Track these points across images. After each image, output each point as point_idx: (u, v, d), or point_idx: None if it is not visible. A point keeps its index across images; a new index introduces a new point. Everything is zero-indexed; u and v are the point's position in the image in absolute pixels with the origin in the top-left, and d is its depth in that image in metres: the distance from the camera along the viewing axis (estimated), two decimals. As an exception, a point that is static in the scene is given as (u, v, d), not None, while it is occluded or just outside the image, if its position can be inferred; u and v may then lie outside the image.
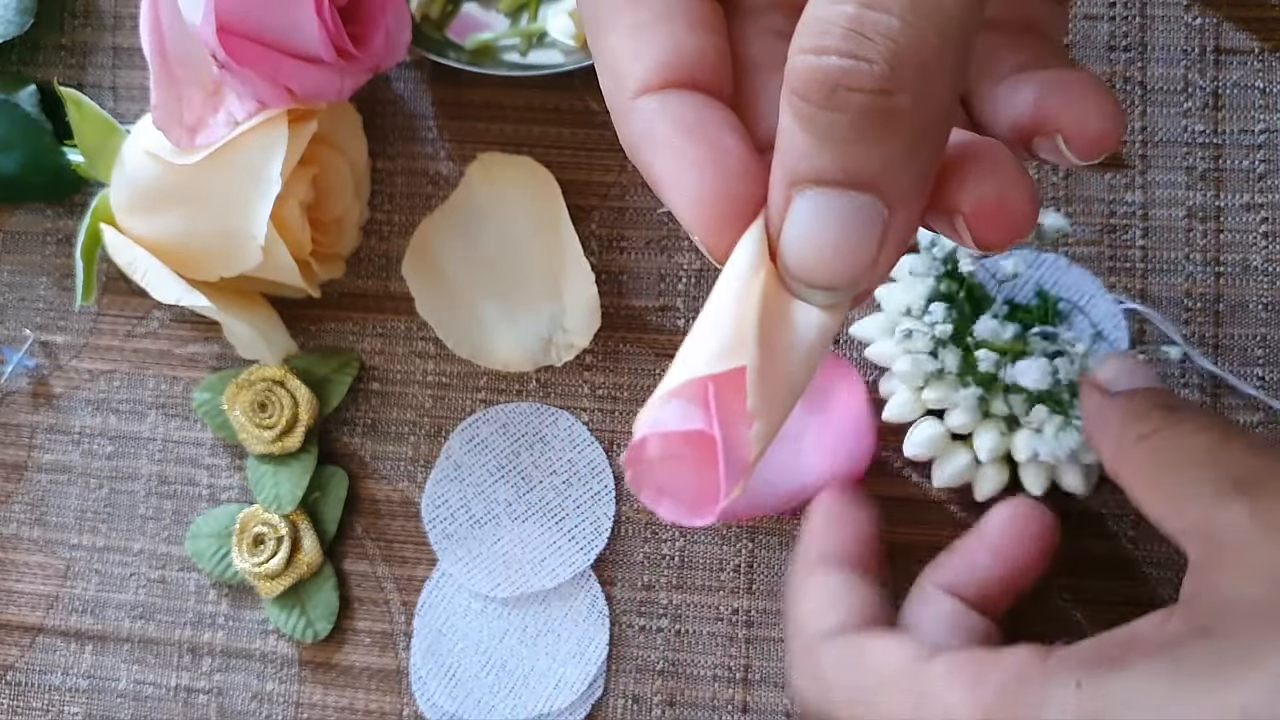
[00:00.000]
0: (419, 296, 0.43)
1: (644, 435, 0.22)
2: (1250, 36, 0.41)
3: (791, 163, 0.20)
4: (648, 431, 0.22)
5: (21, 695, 0.44)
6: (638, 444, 0.22)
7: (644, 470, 0.23)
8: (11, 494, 0.45)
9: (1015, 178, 0.21)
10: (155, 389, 0.45)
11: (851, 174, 0.20)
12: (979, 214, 0.21)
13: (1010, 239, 0.22)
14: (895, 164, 0.20)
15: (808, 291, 0.21)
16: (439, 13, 0.44)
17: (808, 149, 0.20)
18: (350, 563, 0.44)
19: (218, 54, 0.36)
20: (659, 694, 0.42)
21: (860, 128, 0.19)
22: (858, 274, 0.20)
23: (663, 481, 0.23)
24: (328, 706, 0.43)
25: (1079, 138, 0.22)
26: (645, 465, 0.23)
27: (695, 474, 0.22)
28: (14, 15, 0.45)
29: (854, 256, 0.20)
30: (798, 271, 0.21)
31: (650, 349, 0.43)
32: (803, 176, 0.20)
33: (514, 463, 0.43)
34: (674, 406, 0.22)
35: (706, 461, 0.22)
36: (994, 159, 0.21)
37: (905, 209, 0.20)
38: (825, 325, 0.22)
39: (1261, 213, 0.41)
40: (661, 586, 0.42)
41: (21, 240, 0.46)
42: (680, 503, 0.22)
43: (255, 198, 0.38)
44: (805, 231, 0.20)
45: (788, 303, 0.22)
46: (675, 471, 0.23)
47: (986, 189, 0.21)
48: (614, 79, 0.22)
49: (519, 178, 0.43)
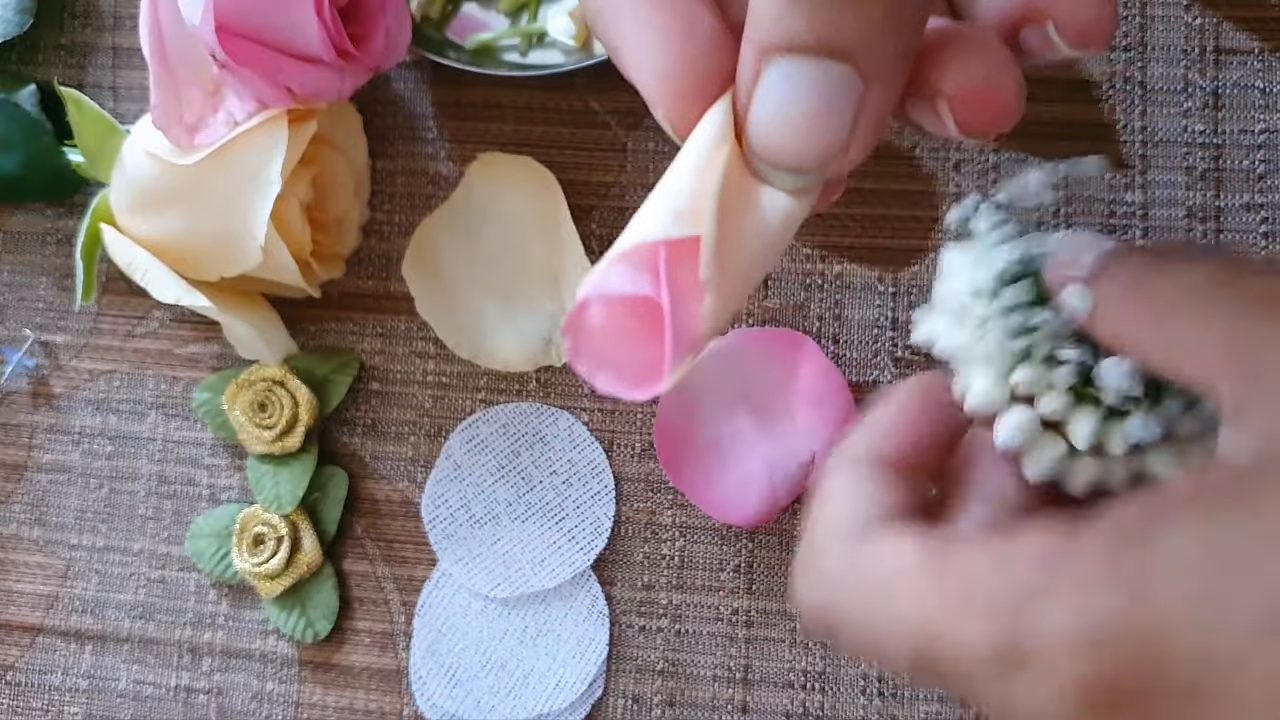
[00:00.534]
0: (419, 296, 0.43)
1: (586, 298, 0.20)
2: (1250, 36, 0.41)
3: (764, 28, 0.19)
4: (591, 294, 0.20)
5: (21, 695, 0.44)
6: (578, 308, 0.21)
7: (584, 338, 0.21)
8: (11, 494, 0.45)
9: (1002, 61, 0.20)
10: (155, 389, 0.45)
11: (826, 40, 0.19)
12: (963, 98, 0.20)
13: (994, 125, 0.21)
14: (873, 32, 0.19)
15: (774, 173, 0.20)
16: (439, 13, 0.44)
17: (781, 11, 0.19)
18: (350, 563, 0.44)
19: (217, 54, 0.36)
20: (659, 694, 0.42)
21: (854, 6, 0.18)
22: (828, 155, 0.19)
23: (604, 351, 0.21)
24: (328, 706, 0.43)
25: (1071, 23, 0.21)
26: (586, 333, 0.21)
27: (639, 346, 0.21)
28: (14, 15, 0.45)
29: (825, 134, 0.19)
30: (764, 149, 0.20)
31: (650, 349, 0.43)
32: (775, 43, 0.19)
33: (514, 463, 0.43)
34: (621, 270, 0.20)
35: (652, 334, 0.20)
36: (980, 42, 0.21)
37: (881, 85, 0.19)
38: (790, 211, 0.20)
39: (1261, 213, 0.41)
40: (661, 586, 0.42)
41: (21, 240, 0.46)
42: (621, 376, 0.21)
43: (255, 198, 0.38)
44: (775, 104, 0.19)
45: (753, 183, 0.20)
46: (618, 342, 0.21)
47: (973, 72, 0.20)
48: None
49: (519, 178, 0.43)
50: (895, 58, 0.19)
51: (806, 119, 0.19)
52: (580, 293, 0.20)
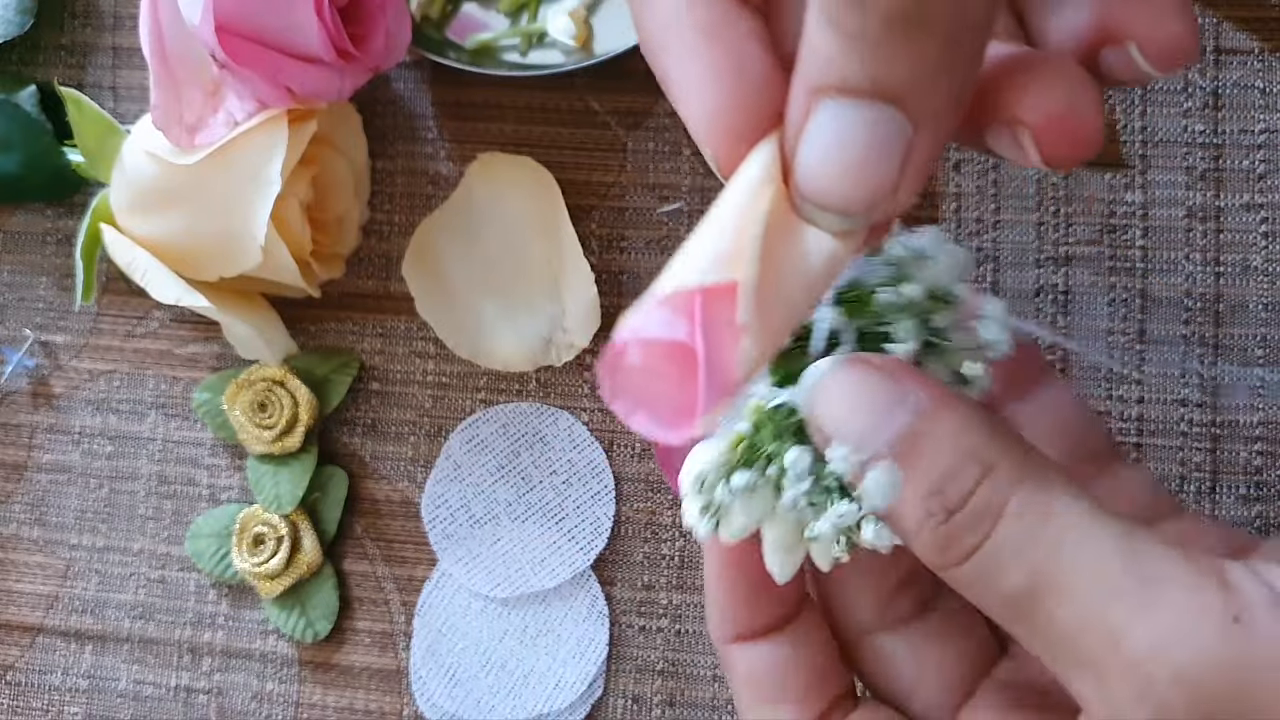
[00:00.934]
0: (419, 296, 0.43)
1: (624, 341, 0.21)
2: (1250, 36, 0.41)
3: (815, 68, 0.19)
4: (629, 337, 0.21)
5: (21, 695, 0.44)
6: (617, 350, 0.21)
7: (621, 379, 0.21)
8: (11, 494, 0.45)
9: (1083, 88, 0.20)
10: (155, 389, 0.45)
11: (878, 82, 0.18)
12: (1046, 127, 0.20)
13: (1078, 155, 0.20)
14: (926, 75, 0.18)
15: (820, 214, 0.20)
16: (439, 13, 0.44)
17: (834, 53, 0.18)
18: (350, 563, 0.44)
19: (217, 54, 0.36)
20: (659, 694, 0.42)
21: (891, 29, 0.18)
22: (876, 198, 0.19)
23: (641, 392, 0.21)
24: (328, 706, 0.43)
25: (1153, 41, 0.21)
26: (623, 374, 0.21)
27: (676, 388, 0.21)
28: (14, 15, 0.45)
29: (874, 177, 0.19)
30: (812, 190, 0.20)
31: (650, 349, 0.43)
32: (826, 83, 0.19)
33: (514, 463, 0.43)
34: (659, 314, 0.21)
35: (689, 376, 0.20)
36: (1059, 67, 0.20)
37: (932, 128, 0.19)
38: (834, 253, 0.20)
39: (1261, 213, 0.41)
40: (661, 586, 0.42)
41: (21, 240, 0.46)
42: (658, 417, 0.21)
43: (255, 198, 0.38)
44: (824, 145, 0.19)
45: (797, 224, 0.20)
46: (654, 383, 0.21)
47: (1055, 99, 0.20)
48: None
49: (519, 178, 0.43)
50: (948, 101, 0.19)
51: (856, 161, 0.19)
52: (617, 336, 0.21)
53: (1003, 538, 0.21)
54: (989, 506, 0.21)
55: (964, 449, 0.21)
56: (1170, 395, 0.41)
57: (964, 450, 0.21)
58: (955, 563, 0.21)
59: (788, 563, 0.24)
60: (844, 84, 0.18)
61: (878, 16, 0.18)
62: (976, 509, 0.21)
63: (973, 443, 0.21)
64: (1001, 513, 0.21)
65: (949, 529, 0.21)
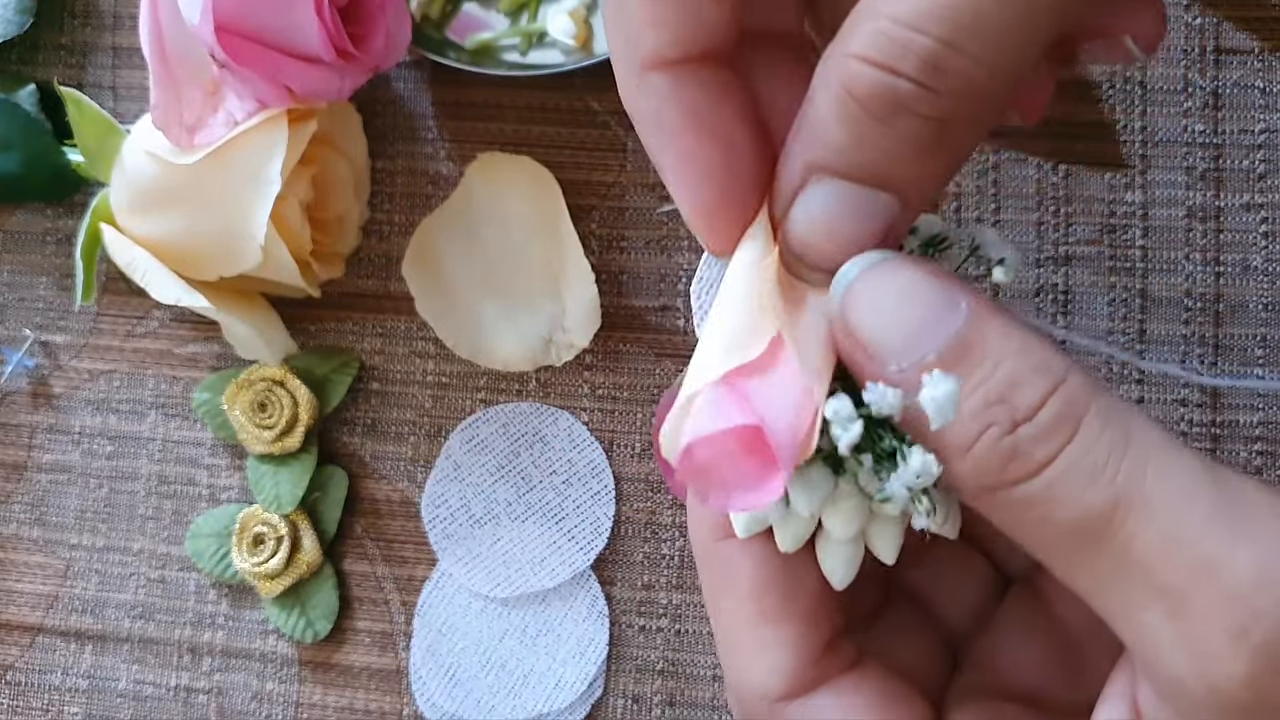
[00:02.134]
0: (419, 296, 0.43)
1: (689, 445, 0.21)
2: (1250, 36, 0.41)
3: (818, 149, 0.20)
4: (692, 440, 0.21)
5: (21, 695, 0.44)
6: (685, 454, 0.21)
7: (702, 477, 0.21)
8: (11, 494, 0.45)
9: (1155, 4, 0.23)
10: (155, 389, 0.45)
11: (882, 177, 0.20)
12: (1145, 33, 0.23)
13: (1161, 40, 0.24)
14: (929, 175, 0.20)
15: (808, 272, 0.21)
16: (439, 13, 0.44)
17: (843, 144, 0.20)
18: (350, 563, 0.44)
19: (216, 53, 0.36)
20: (659, 694, 0.42)
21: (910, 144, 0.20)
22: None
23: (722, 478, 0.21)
24: (328, 706, 0.43)
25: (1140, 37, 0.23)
26: (701, 472, 0.21)
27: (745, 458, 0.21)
28: (14, 15, 0.45)
29: (857, 243, 0.21)
30: (801, 252, 0.21)
31: (650, 349, 0.43)
32: (828, 166, 0.20)
33: (514, 463, 0.43)
34: (707, 411, 0.21)
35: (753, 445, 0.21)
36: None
37: (919, 206, 0.21)
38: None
39: (1261, 213, 0.41)
40: (661, 586, 0.42)
41: (21, 240, 0.46)
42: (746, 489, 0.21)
43: (255, 198, 0.38)
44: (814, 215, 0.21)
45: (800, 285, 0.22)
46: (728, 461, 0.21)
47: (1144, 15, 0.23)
48: (627, 44, 0.22)
49: (519, 178, 0.43)
50: (939, 186, 0.21)
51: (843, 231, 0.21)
52: (681, 441, 0.21)
53: (1082, 450, 0.19)
54: (1066, 415, 0.19)
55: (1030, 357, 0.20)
56: (1170, 395, 0.41)
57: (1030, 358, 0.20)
58: (1018, 479, 0.19)
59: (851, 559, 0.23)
60: (848, 171, 0.20)
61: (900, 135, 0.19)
62: (1050, 419, 0.19)
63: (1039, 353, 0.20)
64: (1079, 425, 0.19)
65: (1015, 441, 0.19)
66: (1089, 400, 0.19)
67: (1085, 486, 0.19)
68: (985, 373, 0.20)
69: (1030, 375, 0.19)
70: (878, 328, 0.20)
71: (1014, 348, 0.20)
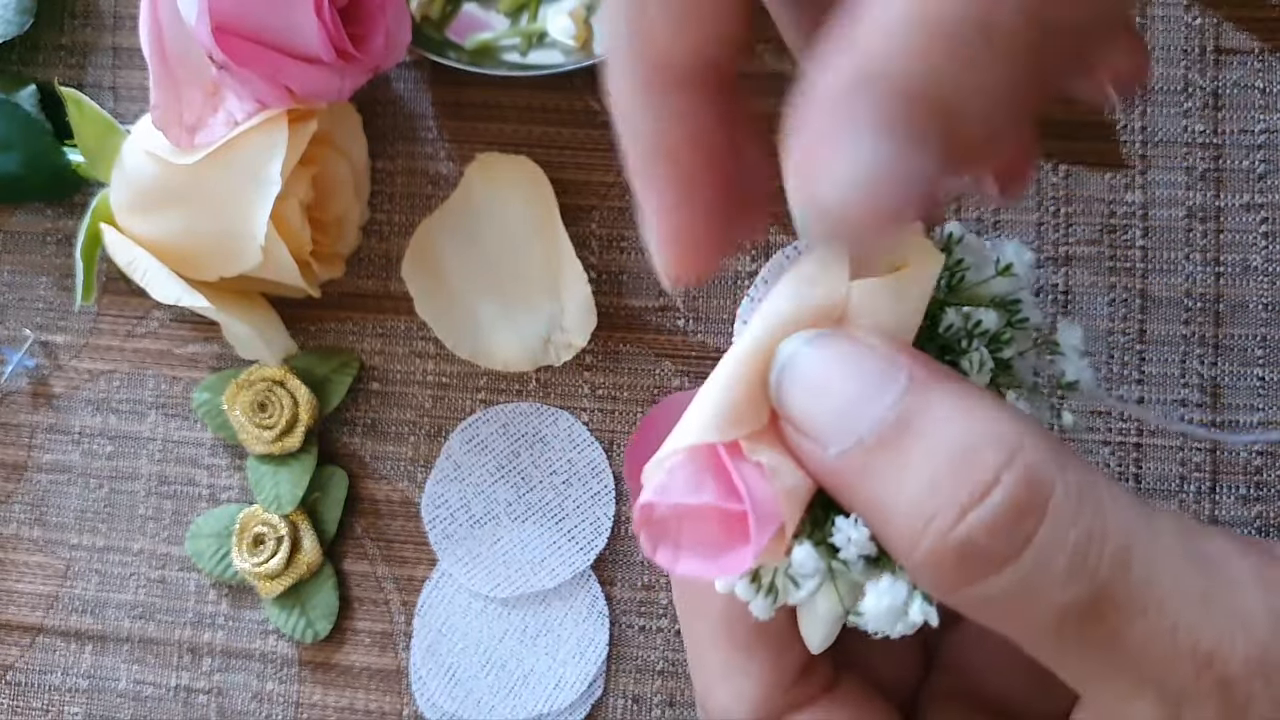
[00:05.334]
0: (418, 297, 0.43)
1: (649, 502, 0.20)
2: (1250, 36, 0.41)
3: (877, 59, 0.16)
4: (655, 499, 0.19)
5: (21, 695, 0.44)
6: (645, 509, 0.20)
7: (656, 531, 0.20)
8: (11, 494, 0.45)
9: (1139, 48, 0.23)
10: (155, 389, 0.45)
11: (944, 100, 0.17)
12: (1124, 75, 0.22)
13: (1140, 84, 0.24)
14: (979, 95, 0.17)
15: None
16: (439, 13, 0.44)
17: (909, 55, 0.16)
18: (350, 563, 0.44)
19: (214, 54, 0.36)
20: (659, 694, 0.42)
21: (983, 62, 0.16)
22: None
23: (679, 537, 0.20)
24: (328, 706, 0.43)
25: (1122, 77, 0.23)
26: (656, 526, 0.20)
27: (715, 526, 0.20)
28: (14, 15, 0.45)
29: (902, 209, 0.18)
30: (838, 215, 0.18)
31: (650, 349, 0.43)
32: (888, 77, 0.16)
33: (514, 463, 0.43)
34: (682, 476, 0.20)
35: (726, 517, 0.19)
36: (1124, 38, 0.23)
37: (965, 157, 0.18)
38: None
39: (1261, 213, 0.41)
40: (661, 586, 0.42)
41: (21, 240, 0.46)
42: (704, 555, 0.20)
43: (255, 198, 0.38)
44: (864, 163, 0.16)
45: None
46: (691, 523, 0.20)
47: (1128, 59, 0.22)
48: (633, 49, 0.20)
49: (517, 178, 0.43)
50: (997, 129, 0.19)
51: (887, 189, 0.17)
52: (643, 498, 0.20)
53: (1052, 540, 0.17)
54: (1027, 499, 0.17)
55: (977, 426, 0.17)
56: (1170, 395, 0.41)
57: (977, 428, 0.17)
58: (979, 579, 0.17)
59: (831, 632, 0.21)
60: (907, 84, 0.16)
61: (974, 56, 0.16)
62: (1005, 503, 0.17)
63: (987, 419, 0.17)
64: (1045, 507, 0.17)
65: (968, 533, 0.17)
66: (1054, 477, 0.17)
67: (1064, 583, 0.17)
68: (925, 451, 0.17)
69: (978, 450, 0.17)
70: (811, 408, 0.18)
71: (958, 418, 0.17)
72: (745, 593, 0.20)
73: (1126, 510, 0.17)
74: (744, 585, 0.20)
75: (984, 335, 0.20)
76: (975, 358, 0.20)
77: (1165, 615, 0.17)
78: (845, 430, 0.18)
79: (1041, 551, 0.17)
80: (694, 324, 0.43)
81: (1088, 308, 0.41)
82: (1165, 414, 0.41)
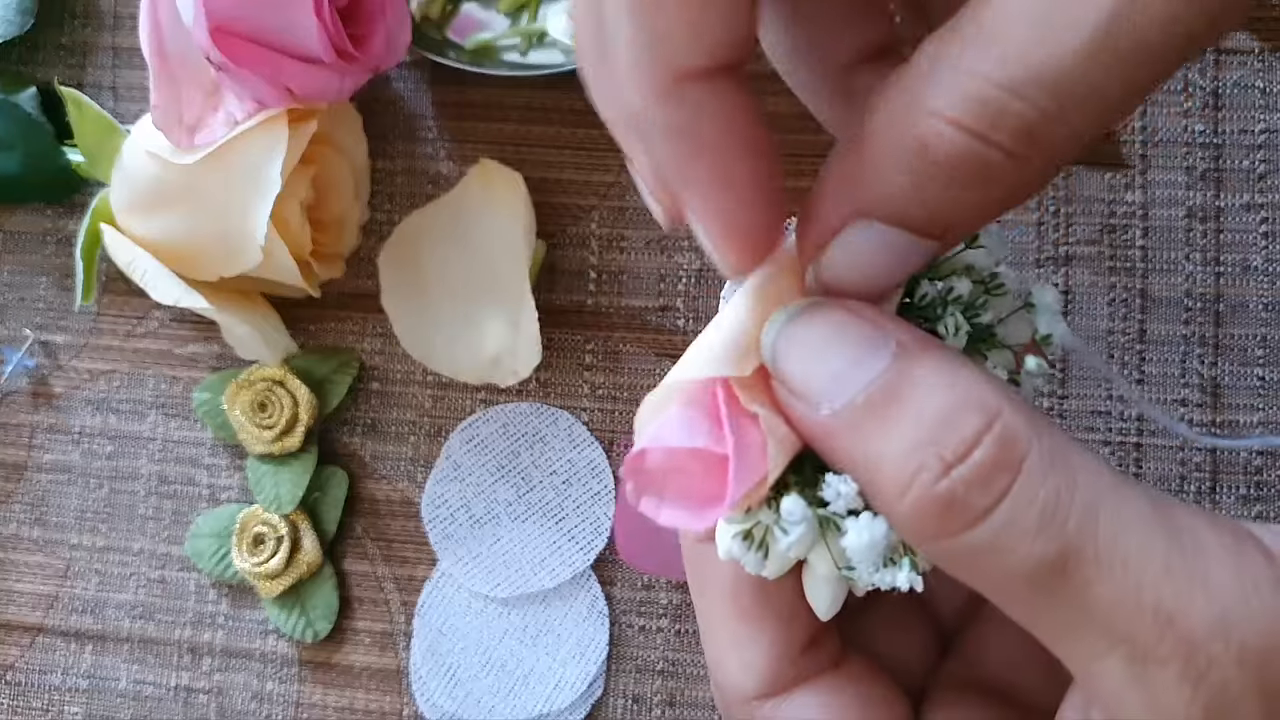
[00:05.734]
0: (386, 288, 0.43)
1: (645, 448, 0.21)
2: (1250, 36, 0.41)
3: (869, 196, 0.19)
4: (650, 445, 0.20)
5: (21, 695, 0.44)
6: (638, 454, 0.21)
7: (644, 480, 0.21)
8: (11, 494, 0.45)
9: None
10: (155, 389, 0.45)
11: (930, 226, 0.19)
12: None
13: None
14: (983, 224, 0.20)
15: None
16: (439, 13, 0.44)
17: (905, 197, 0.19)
18: (350, 563, 0.44)
19: (211, 55, 0.36)
20: (659, 694, 0.42)
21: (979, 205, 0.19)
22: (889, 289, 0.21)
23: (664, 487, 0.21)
24: (328, 706, 0.43)
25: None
26: (646, 475, 0.21)
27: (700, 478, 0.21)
28: (14, 15, 0.45)
29: (896, 284, 0.21)
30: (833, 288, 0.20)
31: (650, 349, 0.43)
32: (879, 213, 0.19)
33: (514, 463, 0.43)
34: (678, 420, 0.20)
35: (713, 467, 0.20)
36: None
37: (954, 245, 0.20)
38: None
39: (1261, 213, 0.41)
40: (661, 586, 0.42)
41: (21, 240, 0.46)
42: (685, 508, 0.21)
43: (255, 198, 0.38)
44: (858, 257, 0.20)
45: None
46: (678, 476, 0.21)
47: None
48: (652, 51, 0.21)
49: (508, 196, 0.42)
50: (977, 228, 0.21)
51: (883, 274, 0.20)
52: (639, 442, 0.20)
53: (1025, 497, 0.18)
54: (1003, 458, 0.18)
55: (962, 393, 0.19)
56: (1170, 395, 0.41)
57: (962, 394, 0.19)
58: (959, 530, 0.18)
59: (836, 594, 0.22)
60: (903, 221, 0.19)
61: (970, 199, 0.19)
62: (986, 460, 0.18)
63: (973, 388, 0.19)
64: (1020, 466, 0.18)
65: (950, 487, 0.18)
66: (1029, 439, 0.18)
67: (1033, 536, 0.18)
68: (916, 410, 0.19)
69: (961, 413, 0.18)
70: (805, 371, 0.20)
71: (944, 383, 0.19)
72: (738, 551, 0.21)
73: (1097, 474, 0.18)
74: (737, 543, 0.21)
75: (958, 302, 0.22)
76: (950, 323, 0.21)
77: (1130, 573, 0.18)
78: (838, 393, 0.19)
79: (1014, 506, 0.18)
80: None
81: (1088, 308, 0.41)
82: (1139, 395, 0.40)
